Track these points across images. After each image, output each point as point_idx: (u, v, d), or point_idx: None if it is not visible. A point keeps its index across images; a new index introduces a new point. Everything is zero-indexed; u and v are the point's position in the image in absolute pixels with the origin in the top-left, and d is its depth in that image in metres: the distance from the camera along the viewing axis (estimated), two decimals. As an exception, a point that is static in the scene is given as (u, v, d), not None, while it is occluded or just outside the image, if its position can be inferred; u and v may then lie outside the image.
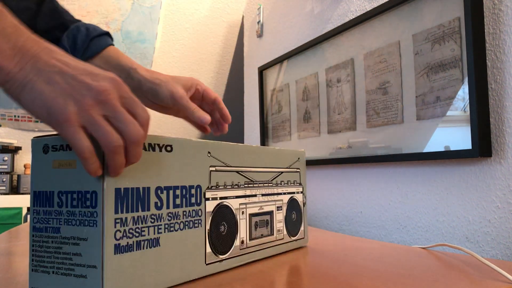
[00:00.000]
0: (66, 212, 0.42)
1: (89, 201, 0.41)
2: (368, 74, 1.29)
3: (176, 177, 0.49)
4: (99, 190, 0.41)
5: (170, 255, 0.48)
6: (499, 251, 0.91)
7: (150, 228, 0.45)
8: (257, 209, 0.64)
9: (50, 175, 0.43)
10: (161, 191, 0.47)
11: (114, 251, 0.41)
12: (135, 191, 0.44)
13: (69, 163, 0.42)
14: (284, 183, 0.71)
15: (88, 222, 0.41)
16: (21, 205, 2.02)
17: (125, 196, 0.43)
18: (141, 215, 0.44)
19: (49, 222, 0.43)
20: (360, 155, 1.30)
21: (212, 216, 0.55)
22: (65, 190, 0.42)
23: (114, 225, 0.41)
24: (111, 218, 0.41)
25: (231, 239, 0.58)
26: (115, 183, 0.42)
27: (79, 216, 0.41)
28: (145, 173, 0.45)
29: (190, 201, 0.51)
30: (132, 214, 0.43)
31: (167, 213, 0.48)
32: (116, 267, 0.41)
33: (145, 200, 0.45)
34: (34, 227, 0.44)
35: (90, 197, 0.41)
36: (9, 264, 0.66)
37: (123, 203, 0.42)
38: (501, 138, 0.92)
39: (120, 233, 0.42)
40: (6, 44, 0.36)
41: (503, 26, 0.92)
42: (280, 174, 0.70)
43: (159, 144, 0.47)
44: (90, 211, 0.41)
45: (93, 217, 0.41)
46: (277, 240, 0.69)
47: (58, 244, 0.43)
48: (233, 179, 0.59)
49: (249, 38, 2.18)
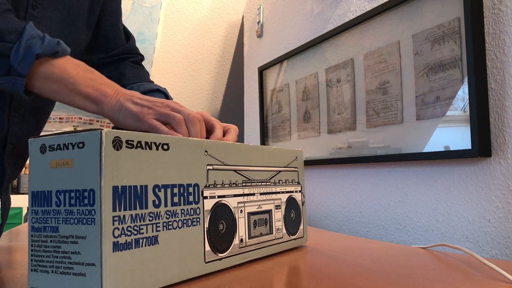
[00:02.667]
0: (64, 211, 0.42)
1: (87, 199, 0.41)
2: (368, 74, 1.29)
3: (173, 175, 0.49)
4: (97, 188, 0.41)
5: (169, 253, 0.48)
6: (499, 251, 0.91)
7: (148, 226, 0.45)
8: (256, 207, 0.64)
9: (48, 175, 0.43)
10: (158, 189, 0.47)
11: (113, 248, 0.41)
12: (133, 189, 0.44)
13: (66, 162, 0.42)
14: (282, 182, 0.71)
15: (87, 220, 0.41)
16: (21, 205, 2.02)
17: (123, 194, 0.43)
18: (139, 213, 0.44)
19: (48, 222, 0.43)
20: (360, 155, 1.30)
21: (210, 215, 0.55)
22: (63, 189, 0.42)
23: (113, 223, 0.41)
24: (109, 216, 0.41)
25: (230, 237, 0.58)
26: (113, 181, 0.42)
27: (77, 215, 0.41)
28: (142, 171, 0.45)
29: (188, 200, 0.51)
30: (130, 212, 0.43)
31: (165, 211, 0.48)
32: (115, 265, 0.41)
33: (142, 198, 0.45)
34: (33, 227, 0.44)
35: (88, 195, 0.41)
36: (9, 264, 0.66)
37: (121, 201, 0.42)
38: (500, 138, 0.92)
39: (119, 231, 0.42)
40: (109, 88, 0.61)
41: (503, 26, 0.92)
42: (278, 173, 0.70)
43: (155, 142, 0.47)
44: (88, 209, 0.41)
45: (91, 215, 0.41)
46: (277, 239, 0.69)
47: (57, 243, 0.43)
48: (231, 178, 0.59)
49: (249, 38, 2.18)
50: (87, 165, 0.41)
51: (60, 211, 0.43)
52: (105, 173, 0.41)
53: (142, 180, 0.45)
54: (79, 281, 0.41)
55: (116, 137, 0.42)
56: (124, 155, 0.43)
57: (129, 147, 0.44)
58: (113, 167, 0.42)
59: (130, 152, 0.44)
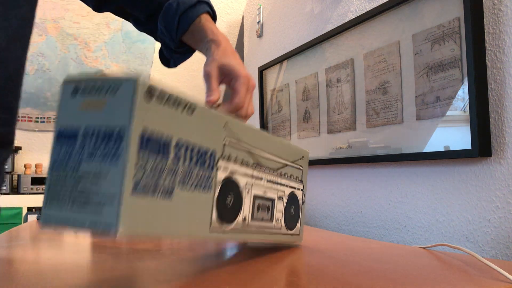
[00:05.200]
0: (89, 150, 0.43)
1: (113, 140, 0.42)
2: (368, 74, 1.29)
3: (195, 137, 0.51)
4: (124, 131, 0.42)
5: (180, 210, 0.49)
6: (499, 251, 0.91)
7: (166, 178, 0.47)
8: (261, 192, 0.65)
9: (77, 115, 0.45)
10: (180, 146, 0.49)
11: (132, 191, 0.42)
12: (158, 139, 0.45)
13: (97, 104, 0.44)
14: (287, 176, 0.72)
15: (111, 160, 0.42)
16: (21, 205, 2.02)
17: (148, 142, 0.44)
18: (160, 164, 0.46)
19: (70, 159, 0.44)
20: (360, 155, 1.30)
21: (221, 186, 0.56)
22: (91, 128, 0.44)
23: (135, 167, 0.42)
24: (133, 159, 0.42)
25: (235, 212, 0.59)
26: (140, 127, 0.43)
27: (102, 154, 0.42)
28: (168, 125, 0.47)
29: (204, 165, 0.53)
30: (152, 160, 0.45)
31: (182, 169, 0.49)
32: (131, 206, 0.42)
33: (165, 150, 0.47)
34: (54, 163, 0.45)
35: (115, 137, 0.42)
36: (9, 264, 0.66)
37: (146, 148, 0.44)
38: (500, 138, 0.92)
39: (140, 176, 0.43)
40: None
41: (502, 26, 0.92)
42: (285, 166, 0.71)
43: (184, 103, 0.49)
44: (113, 150, 0.42)
45: (116, 156, 0.42)
46: (275, 229, 0.69)
47: (77, 180, 0.43)
48: (244, 156, 0.61)
49: (249, 38, 2.18)
50: (117, 109, 0.42)
51: (84, 149, 0.43)
52: (135, 119, 0.42)
53: (167, 133, 0.47)
54: (96, 217, 0.41)
55: (150, 87, 0.43)
56: (154, 106, 0.44)
57: (159, 100, 0.45)
58: (142, 114, 0.43)
59: (159, 105, 0.45)
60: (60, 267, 0.62)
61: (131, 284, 0.53)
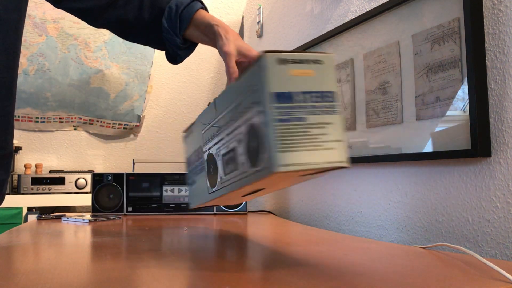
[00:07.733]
0: (310, 106, 0.56)
1: (328, 98, 0.57)
2: (368, 74, 1.29)
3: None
4: (333, 91, 0.58)
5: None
6: (499, 251, 0.91)
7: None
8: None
9: (289, 80, 0.56)
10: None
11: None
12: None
13: (307, 72, 0.57)
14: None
15: (331, 111, 0.57)
16: (21, 205, 2.02)
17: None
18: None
19: (293, 114, 0.55)
20: (360, 155, 1.31)
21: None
22: (307, 91, 0.56)
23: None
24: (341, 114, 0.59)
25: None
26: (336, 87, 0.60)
27: (322, 108, 0.57)
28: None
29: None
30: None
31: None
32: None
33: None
34: (279, 119, 0.54)
35: (329, 95, 0.57)
36: (10, 263, 0.66)
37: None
38: (500, 138, 0.92)
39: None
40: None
41: (502, 26, 0.92)
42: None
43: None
44: (331, 104, 0.57)
45: (333, 108, 0.57)
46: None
47: (305, 128, 0.55)
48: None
49: (249, 38, 2.18)
50: (326, 76, 0.57)
51: (306, 106, 0.56)
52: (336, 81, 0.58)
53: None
54: (329, 153, 0.55)
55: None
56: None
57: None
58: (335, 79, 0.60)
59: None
60: (60, 267, 0.62)
61: (131, 284, 0.53)
